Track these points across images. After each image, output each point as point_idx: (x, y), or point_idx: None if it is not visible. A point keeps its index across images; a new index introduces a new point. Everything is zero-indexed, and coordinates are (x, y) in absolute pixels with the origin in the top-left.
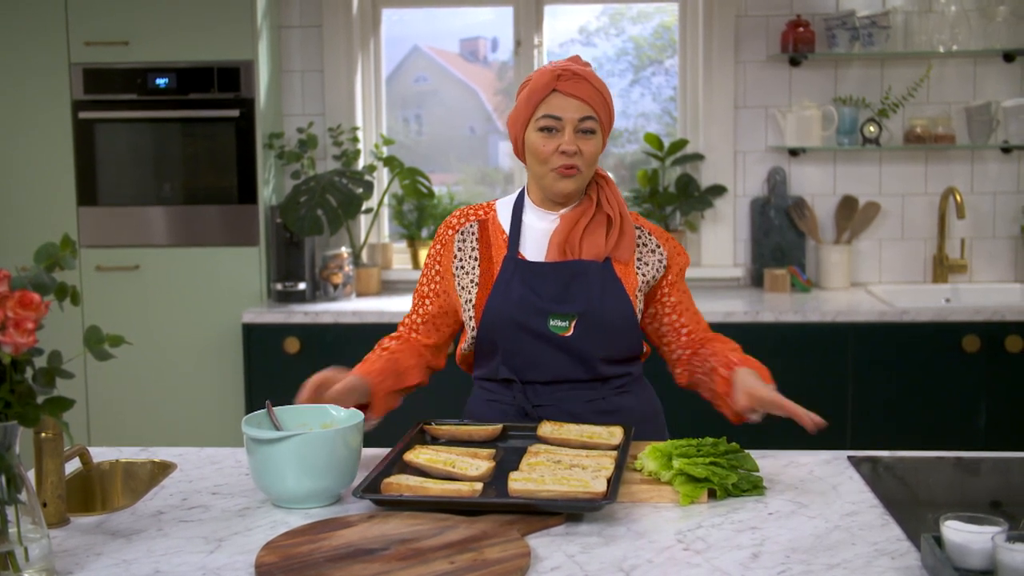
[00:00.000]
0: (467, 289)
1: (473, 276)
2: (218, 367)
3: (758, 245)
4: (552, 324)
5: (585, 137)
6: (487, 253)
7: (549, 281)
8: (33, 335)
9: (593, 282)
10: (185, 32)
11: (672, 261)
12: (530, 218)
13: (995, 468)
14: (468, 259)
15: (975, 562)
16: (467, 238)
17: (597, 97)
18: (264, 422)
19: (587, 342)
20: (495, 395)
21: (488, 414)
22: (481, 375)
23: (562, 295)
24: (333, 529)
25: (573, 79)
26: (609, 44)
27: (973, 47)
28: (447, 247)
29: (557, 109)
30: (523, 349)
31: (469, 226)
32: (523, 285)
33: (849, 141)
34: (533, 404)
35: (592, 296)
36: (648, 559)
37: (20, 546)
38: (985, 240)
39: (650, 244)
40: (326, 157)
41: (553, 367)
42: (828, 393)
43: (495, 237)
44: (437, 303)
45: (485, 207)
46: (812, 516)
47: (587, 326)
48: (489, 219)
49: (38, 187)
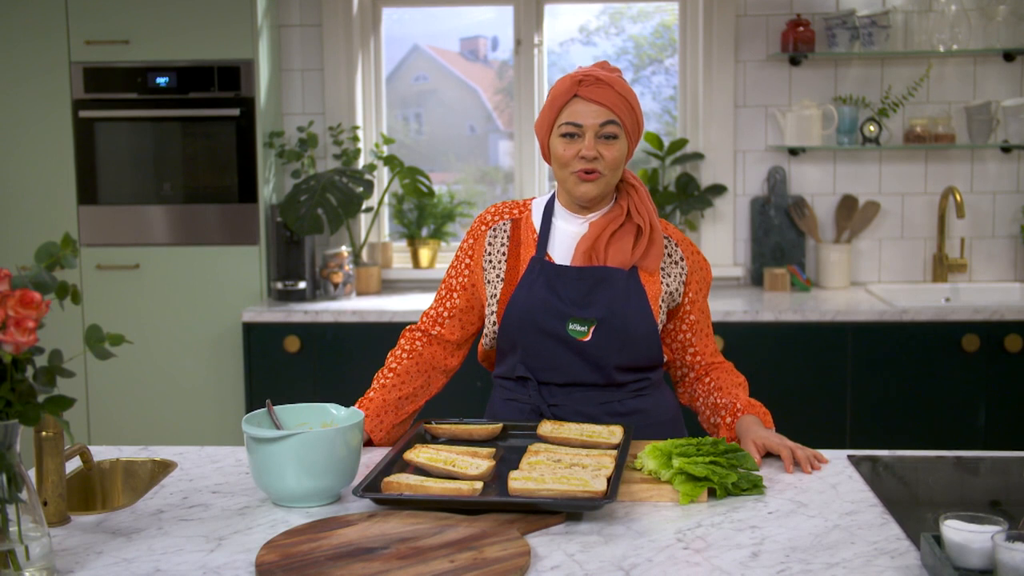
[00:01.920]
0: (493, 284)
1: (500, 271)
2: (218, 366)
3: (758, 244)
4: (571, 328)
5: (607, 142)
6: (516, 251)
7: (572, 285)
8: (34, 334)
9: (617, 289)
10: (185, 31)
11: (692, 275)
12: (559, 221)
13: (994, 467)
14: (497, 254)
15: (975, 561)
16: (499, 235)
17: (620, 102)
18: (264, 421)
19: (604, 348)
20: (512, 393)
21: (505, 412)
22: (500, 373)
23: (584, 300)
24: (333, 528)
25: (595, 84)
26: (609, 43)
27: (973, 46)
28: (479, 241)
29: (578, 115)
30: (541, 350)
31: (503, 224)
32: (546, 287)
33: (849, 140)
34: (548, 404)
35: (615, 303)
36: (648, 558)
37: (21, 545)
38: (985, 239)
39: (675, 255)
40: (326, 156)
41: (569, 370)
42: (828, 392)
43: (526, 236)
44: (464, 296)
45: (521, 205)
46: (812, 515)
47: (606, 332)
48: (523, 218)
49: (38, 186)
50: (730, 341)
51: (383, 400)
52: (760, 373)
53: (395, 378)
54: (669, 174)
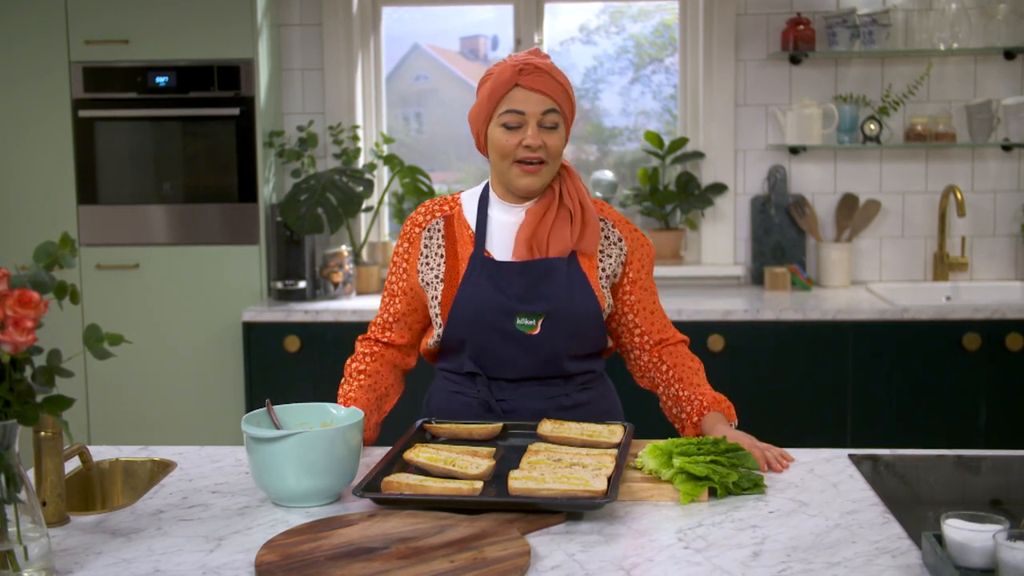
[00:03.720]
0: (432, 286)
1: (439, 272)
2: (218, 366)
3: (758, 243)
4: (519, 323)
5: (549, 131)
6: (453, 249)
7: (515, 280)
8: (32, 334)
9: (560, 280)
10: (185, 30)
11: (633, 254)
12: (495, 212)
13: (996, 466)
14: (434, 256)
15: (976, 560)
16: (433, 234)
17: (559, 90)
18: (264, 421)
19: (554, 340)
20: (459, 387)
21: (451, 407)
22: (445, 367)
23: (529, 294)
24: (333, 528)
25: (535, 73)
26: (609, 42)
27: (973, 45)
28: (414, 244)
29: (519, 103)
30: (490, 347)
31: (435, 222)
32: (490, 284)
33: (849, 139)
34: (497, 399)
35: (559, 294)
36: (648, 558)
37: (19, 545)
38: (985, 238)
39: (612, 236)
40: (326, 155)
41: (519, 365)
42: (828, 391)
43: (461, 233)
44: (405, 301)
45: (450, 200)
46: (812, 514)
47: (554, 324)
48: (455, 214)
49: (38, 186)
50: (730, 340)
51: (366, 400)
52: (760, 372)
53: (367, 379)
54: (669, 173)
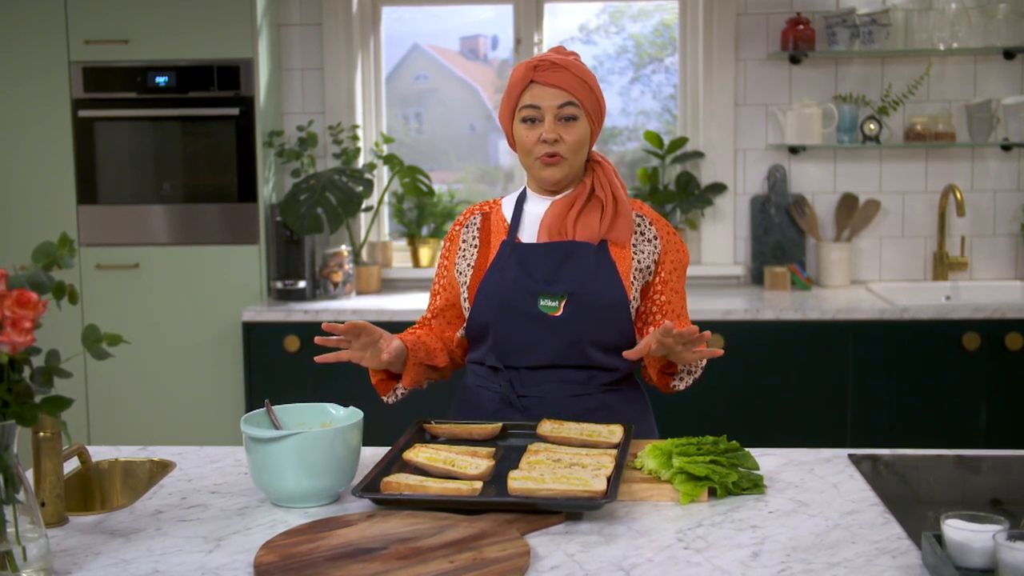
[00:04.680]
0: (464, 274)
1: (471, 261)
2: (218, 366)
3: (758, 243)
4: (542, 304)
5: (566, 124)
6: (487, 240)
7: (541, 262)
8: (31, 334)
9: (585, 262)
10: (185, 30)
11: (666, 255)
12: (529, 205)
13: (996, 466)
14: (470, 248)
15: (976, 561)
16: (471, 230)
17: (577, 83)
18: (263, 421)
19: (576, 323)
20: (483, 380)
21: (477, 397)
22: (473, 359)
23: (553, 275)
24: (332, 528)
25: (550, 68)
26: (609, 42)
27: (973, 45)
28: (454, 242)
29: (535, 98)
30: (513, 331)
31: (474, 219)
32: (516, 266)
33: (849, 139)
34: (518, 394)
35: (584, 276)
36: (648, 558)
37: (18, 546)
38: (985, 238)
39: (648, 233)
40: (326, 155)
41: (542, 350)
42: (828, 391)
43: (496, 225)
44: (444, 296)
45: (492, 202)
46: (812, 515)
47: (577, 306)
48: (493, 211)
49: (38, 186)
50: (730, 340)
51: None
52: (760, 372)
53: (416, 335)
54: (669, 173)
